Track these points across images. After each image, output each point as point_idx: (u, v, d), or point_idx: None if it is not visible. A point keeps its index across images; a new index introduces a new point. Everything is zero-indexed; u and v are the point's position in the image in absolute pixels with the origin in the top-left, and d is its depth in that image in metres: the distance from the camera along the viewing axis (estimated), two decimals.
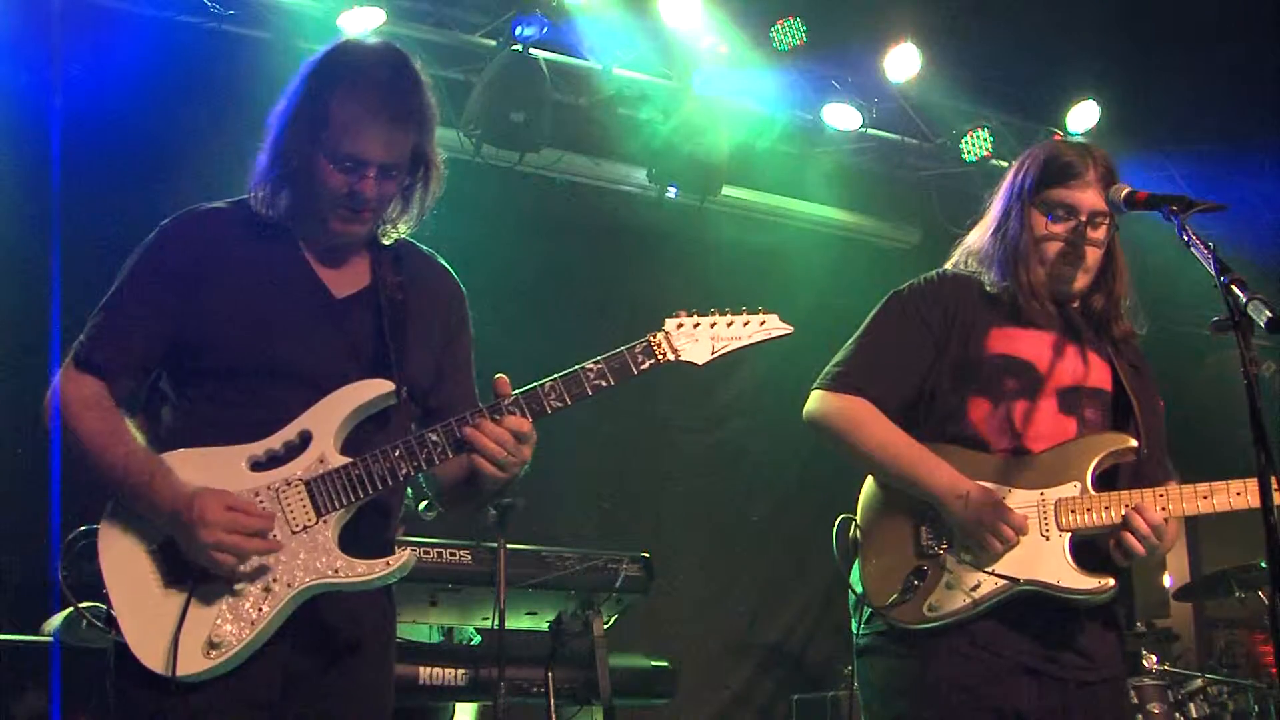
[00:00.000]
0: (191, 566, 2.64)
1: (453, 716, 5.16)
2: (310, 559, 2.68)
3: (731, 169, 7.74)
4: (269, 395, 2.76)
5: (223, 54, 6.42)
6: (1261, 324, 2.57)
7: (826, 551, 3.29)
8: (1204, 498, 3.13)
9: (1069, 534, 3.14)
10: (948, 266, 3.48)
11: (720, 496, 8.07)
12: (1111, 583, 3.11)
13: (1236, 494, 3.10)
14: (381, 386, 2.78)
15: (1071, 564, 3.12)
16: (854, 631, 3.30)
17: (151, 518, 2.67)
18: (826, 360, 3.40)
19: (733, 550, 8.01)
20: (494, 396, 2.74)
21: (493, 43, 7.06)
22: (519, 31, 6.88)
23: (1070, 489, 3.17)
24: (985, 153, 7.81)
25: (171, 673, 2.58)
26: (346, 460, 2.72)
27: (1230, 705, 6.02)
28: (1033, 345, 3.30)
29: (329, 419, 2.75)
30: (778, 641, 8.19)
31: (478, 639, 5.16)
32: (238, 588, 2.65)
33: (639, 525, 7.35)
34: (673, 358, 2.79)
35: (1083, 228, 3.28)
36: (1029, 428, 3.24)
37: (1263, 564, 3.40)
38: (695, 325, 2.83)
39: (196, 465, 2.70)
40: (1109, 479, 3.24)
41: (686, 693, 6.44)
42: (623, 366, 2.77)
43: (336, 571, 2.69)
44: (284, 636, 2.68)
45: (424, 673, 4.64)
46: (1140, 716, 5.66)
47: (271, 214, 2.85)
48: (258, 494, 2.70)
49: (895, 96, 7.90)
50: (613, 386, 2.76)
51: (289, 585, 2.66)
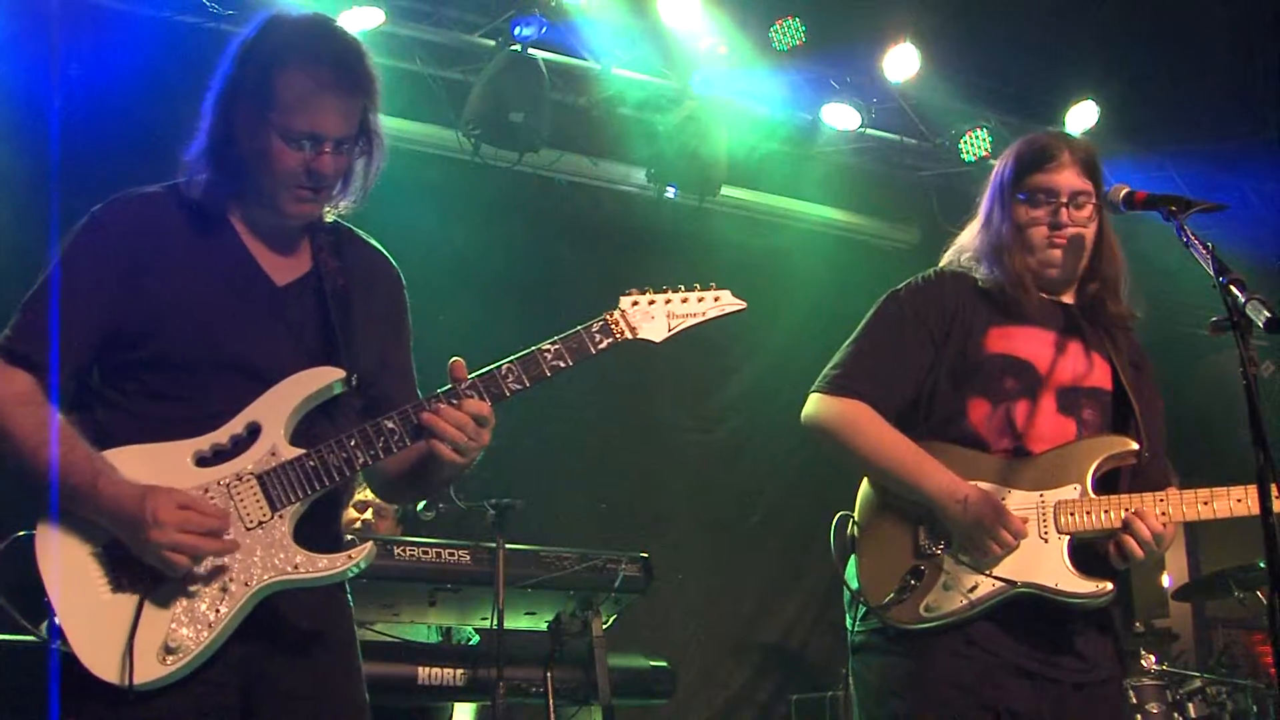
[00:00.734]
0: (142, 569, 2.51)
1: (451, 716, 5.16)
2: (267, 556, 2.57)
3: (730, 169, 7.75)
4: (211, 387, 2.64)
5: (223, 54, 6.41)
6: (1260, 324, 2.57)
7: (825, 551, 3.28)
8: (1204, 503, 3.11)
9: (1068, 537, 3.13)
10: (943, 264, 3.48)
11: (720, 496, 8.07)
12: (1110, 587, 3.10)
13: (1237, 500, 3.08)
14: (331, 374, 2.69)
15: (1070, 567, 3.11)
16: (849, 628, 3.30)
17: (96, 520, 2.53)
18: (825, 360, 3.39)
19: (732, 550, 8.01)
20: (450, 381, 2.66)
21: (492, 43, 7.07)
22: (518, 31, 6.88)
23: (1070, 491, 3.16)
24: (984, 153, 7.81)
25: (128, 682, 2.45)
26: (300, 452, 2.62)
27: (1229, 705, 6.02)
28: (1031, 344, 3.29)
29: (278, 410, 2.64)
30: (777, 641, 8.19)
31: (476, 639, 5.15)
32: (193, 589, 2.53)
33: (638, 525, 7.35)
34: (630, 336, 2.75)
35: (1064, 209, 3.27)
36: (1029, 428, 3.23)
37: (1261, 564, 3.39)
38: (650, 303, 2.78)
39: (139, 463, 2.57)
40: (1109, 480, 3.23)
41: (685, 693, 6.45)
42: (580, 346, 2.71)
43: (296, 568, 2.58)
44: (241, 637, 2.56)
45: (423, 673, 4.62)
46: (1139, 716, 5.66)
47: (208, 199, 2.73)
48: (207, 490, 2.58)
49: (894, 97, 7.91)
50: (571, 367, 2.69)
51: (246, 585, 2.55)
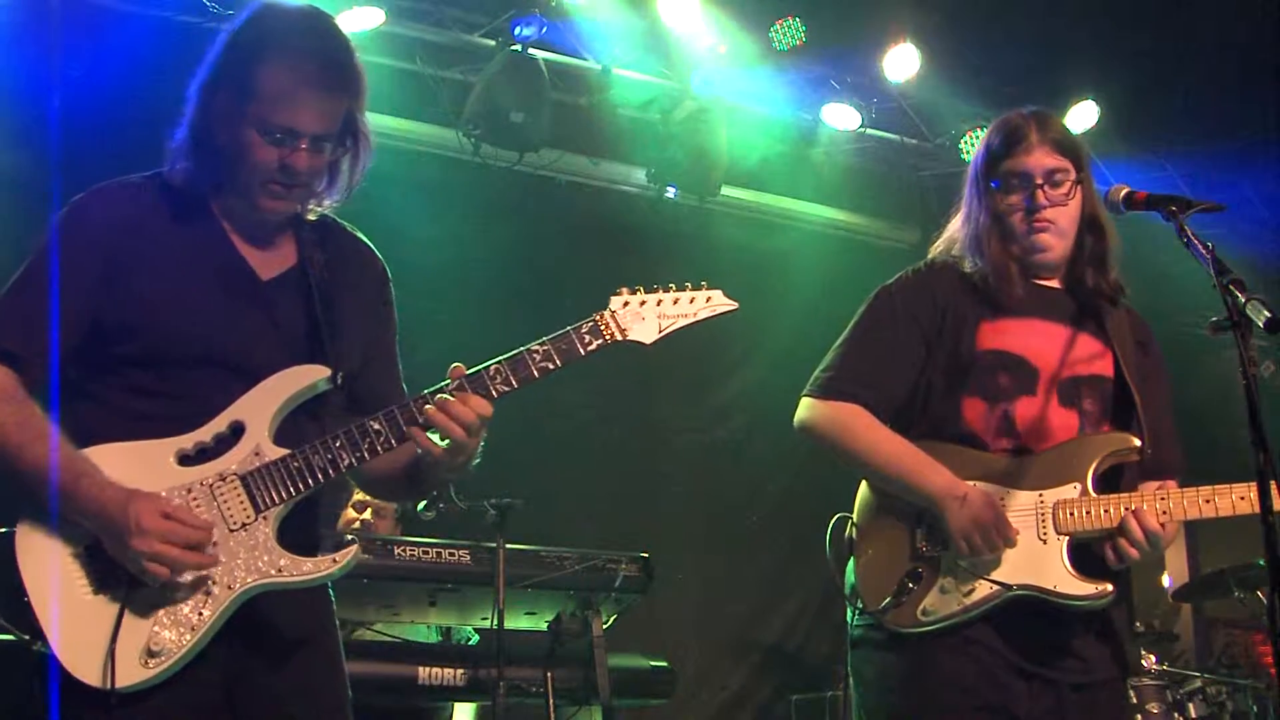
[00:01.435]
0: (124, 571, 2.47)
1: (451, 716, 5.16)
2: (251, 558, 2.53)
3: (730, 169, 7.75)
4: (194, 384, 2.58)
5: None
6: (1260, 324, 2.57)
7: (825, 551, 3.28)
8: (1206, 502, 3.07)
9: (1067, 538, 3.10)
10: (932, 256, 3.43)
11: (719, 496, 8.07)
12: (1110, 589, 3.07)
13: (1240, 498, 3.03)
14: (317, 372, 2.64)
15: (1069, 569, 3.07)
16: (849, 622, 3.27)
17: (78, 520, 2.48)
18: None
19: (732, 550, 8.01)
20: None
21: (492, 43, 7.06)
22: (518, 31, 6.89)
23: (1070, 490, 3.13)
24: None
25: (110, 685, 2.41)
26: (284, 452, 2.57)
27: (1229, 705, 6.01)
28: (1024, 337, 3.24)
29: (262, 408, 2.59)
30: (776, 642, 8.19)
31: (476, 639, 5.15)
32: (175, 591, 2.49)
33: (638, 525, 7.34)
34: (620, 337, 2.70)
35: (1039, 190, 3.20)
36: (1028, 426, 3.20)
37: (1261, 564, 3.38)
38: (641, 303, 2.73)
39: (121, 461, 2.51)
40: (1114, 475, 3.19)
41: (685, 693, 6.44)
42: (570, 348, 2.66)
43: (281, 570, 2.54)
44: (223, 638, 2.53)
45: (423, 673, 4.62)
46: (1139, 716, 5.66)
47: (191, 189, 2.67)
48: (190, 490, 2.53)
49: (894, 96, 7.91)
50: (560, 368, 2.64)
51: (230, 587, 2.51)
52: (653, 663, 5.22)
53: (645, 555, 4.93)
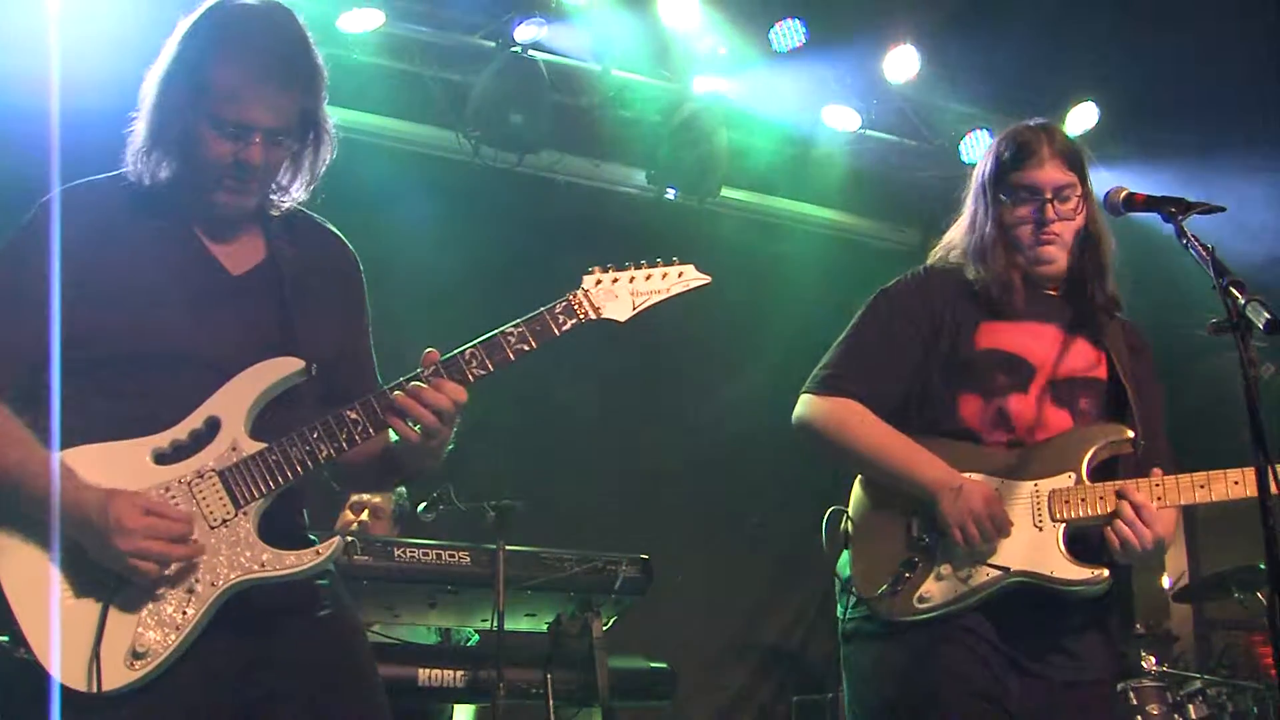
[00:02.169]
0: (106, 572, 2.46)
1: (451, 718, 5.16)
2: (233, 554, 2.52)
3: (730, 170, 7.75)
4: (167, 382, 2.57)
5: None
6: (1260, 326, 2.57)
7: (825, 551, 3.29)
8: (1200, 487, 3.11)
9: (1063, 524, 3.13)
10: (932, 261, 3.47)
11: (720, 496, 8.07)
12: (1105, 573, 3.09)
13: (1234, 483, 3.07)
14: (291, 364, 2.63)
15: (1065, 554, 3.10)
16: (840, 616, 3.29)
17: (57, 524, 2.46)
18: None
19: (732, 551, 8.01)
20: (421, 369, 2.61)
21: (492, 43, 7.05)
22: (518, 33, 6.88)
23: (1065, 480, 3.16)
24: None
25: (96, 688, 2.39)
26: (261, 446, 2.57)
27: (1229, 707, 6.00)
28: (1022, 338, 3.28)
29: (237, 403, 2.58)
30: (777, 642, 8.19)
31: (475, 640, 5.15)
32: (159, 591, 2.48)
33: (638, 526, 7.34)
34: (594, 316, 2.71)
35: (1048, 204, 3.26)
36: (1023, 421, 3.23)
37: (1261, 566, 3.39)
38: (614, 280, 2.74)
39: (97, 463, 2.50)
40: (1109, 471, 3.22)
41: (686, 694, 6.43)
42: (544, 328, 2.67)
43: (264, 565, 2.53)
44: (206, 635, 2.52)
45: (423, 674, 4.62)
46: (1139, 718, 5.66)
47: (156, 185, 2.66)
48: (169, 489, 2.52)
49: (895, 98, 7.91)
50: (535, 350, 2.65)
51: (213, 584, 2.50)
52: (653, 664, 5.22)
53: (645, 556, 4.93)
